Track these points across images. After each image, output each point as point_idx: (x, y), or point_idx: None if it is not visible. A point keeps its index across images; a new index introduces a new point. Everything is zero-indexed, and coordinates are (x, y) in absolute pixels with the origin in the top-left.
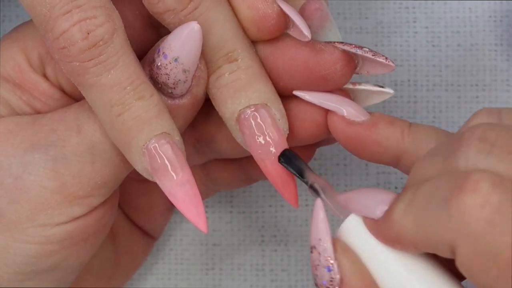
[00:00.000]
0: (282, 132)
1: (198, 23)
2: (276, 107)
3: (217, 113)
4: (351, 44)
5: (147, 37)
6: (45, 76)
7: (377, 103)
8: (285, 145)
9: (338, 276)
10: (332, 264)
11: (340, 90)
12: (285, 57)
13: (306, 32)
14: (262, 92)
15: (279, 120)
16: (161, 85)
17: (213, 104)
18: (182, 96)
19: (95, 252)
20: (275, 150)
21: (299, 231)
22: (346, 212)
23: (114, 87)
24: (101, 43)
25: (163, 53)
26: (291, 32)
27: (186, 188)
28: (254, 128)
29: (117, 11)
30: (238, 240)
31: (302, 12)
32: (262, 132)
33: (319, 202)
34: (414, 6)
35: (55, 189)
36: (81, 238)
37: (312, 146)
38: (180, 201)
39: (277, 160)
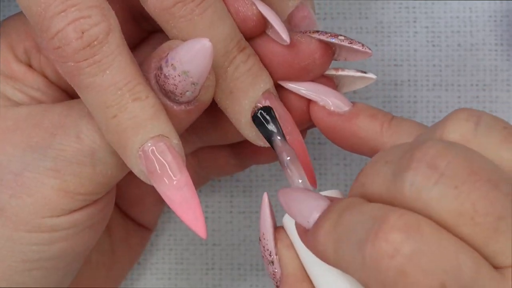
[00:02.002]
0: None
1: (210, 14)
2: (276, 93)
3: None
4: (326, 33)
5: (129, 31)
6: (31, 68)
7: (377, 101)
8: (296, 129)
9: (278, 270)
10: (273, 258)
11: (323, 77)
12: (263, 52)
13: (285, 36)
14: (269, 76)
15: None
16: (167, 92)
17: (228, 101)
18: (189, 102)
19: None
20: (292, 136)
21: None
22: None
23: (109, 87)
24: (95, 42)
25: (172, 64)
26: (270, 33)
27: (184, 191)
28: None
29: (113, 11)
30: (238, 240)
31: (289, 19)
32: (277, 117)
33: (265, 197)
34: (414, 6)
35: (56, 186)
36: (86, 225)
37: (303, 130)
38: (177, 205)
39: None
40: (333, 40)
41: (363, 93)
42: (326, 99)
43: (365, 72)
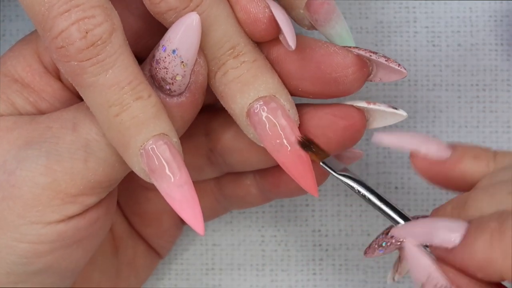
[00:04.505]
0: (294, 122)
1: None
2: (285, 97)
3: (231, 121)
4: (365, 50)
5: (147, 37)
6: (59, 77)
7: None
8: (298, 135)
9: None
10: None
11: (355, 109)
12: (297, 57)
13: (291, 42)
14: (270, 84)
15: (289, 110)
16: (159, 81)
17: (222, 103)
18: (180, 94)
19: (95, 265)
20: (288, 140)
21: (299, 231)
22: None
23: (112, 87)
24: (99, 42)
25: (162, 45)
26: (281, 38)
27: (184, 189)
28: (266, 120)
29: (115, 11)
30: (238, 240)
31: (308, 5)
32: (274, 124)
33: (409, 246)
34: (414, 6)
35: (46, 185)
36: (74, 240)
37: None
38: (177, 203)
39: (292, 150)
40: (371, 56)
41: (363, 94)
42: (424, 147)
43: (396, 108)
